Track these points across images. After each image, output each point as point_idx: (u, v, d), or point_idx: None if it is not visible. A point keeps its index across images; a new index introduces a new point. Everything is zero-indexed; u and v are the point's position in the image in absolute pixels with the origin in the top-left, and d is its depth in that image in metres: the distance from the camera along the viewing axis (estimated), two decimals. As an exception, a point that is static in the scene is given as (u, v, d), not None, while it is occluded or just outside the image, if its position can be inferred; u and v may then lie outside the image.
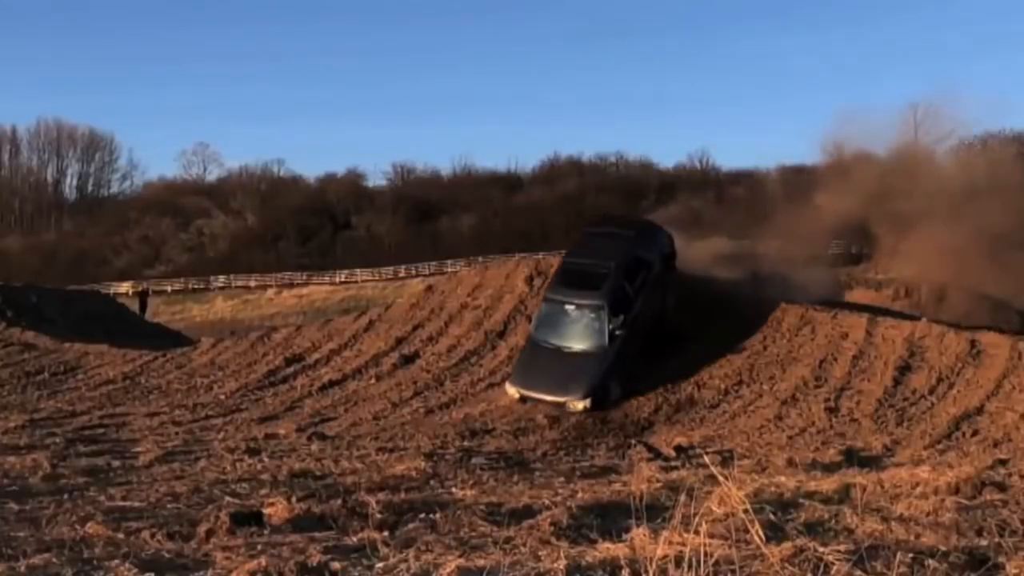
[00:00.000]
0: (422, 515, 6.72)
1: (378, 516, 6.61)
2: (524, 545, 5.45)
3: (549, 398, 15.66)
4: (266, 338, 21.60)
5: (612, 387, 16.01)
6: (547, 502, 6.99)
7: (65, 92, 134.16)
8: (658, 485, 7.65)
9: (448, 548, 5.47)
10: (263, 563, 4.97)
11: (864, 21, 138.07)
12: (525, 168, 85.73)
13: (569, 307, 16.67)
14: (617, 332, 16.11)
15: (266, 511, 6.84)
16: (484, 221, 73.27)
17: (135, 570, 5.20)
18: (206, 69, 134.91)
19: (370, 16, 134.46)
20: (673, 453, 11.87)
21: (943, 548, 4.97)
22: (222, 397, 17.85)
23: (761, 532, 4.88)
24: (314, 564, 5.05)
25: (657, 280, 17.30)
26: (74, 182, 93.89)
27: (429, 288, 22.40)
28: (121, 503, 7.97)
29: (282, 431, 14.22)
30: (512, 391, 16.05)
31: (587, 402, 15.48)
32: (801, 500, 6.51)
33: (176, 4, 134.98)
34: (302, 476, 9.70)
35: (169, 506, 7.83)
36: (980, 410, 13.22)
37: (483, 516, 6.54)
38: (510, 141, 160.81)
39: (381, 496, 7.56)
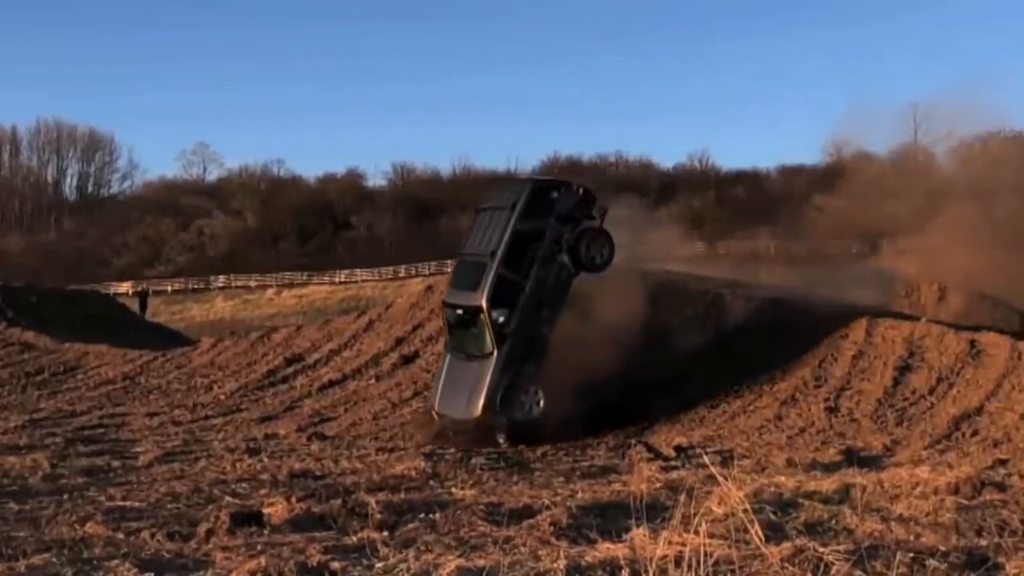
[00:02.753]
0: (422, 515, 6.73)
1: (378, 516, 6.62)
2: (524, 545, 5.46)
3: (458, 417, 13.98)
4: (266, 338, 21.60)
5: (524, 395, 13.97)
6: (547, 502, 7.00)
7: (65, 92, 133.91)
8: (658, 485, 7.65)
9: (448, 548, 5.47)
10: (263, 563, 4.98)
11: (865, 20, 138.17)
12: (525, 168, 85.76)
13: (458, 311, 14.79)
14: (506, 331, 14.02)
15: (266, 511, 6.85)
16: (484, 221, 73.12)
17: (135, 570, 5.21)
18: (206, 69, 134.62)
19: (370, 16, 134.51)
20: (673, 453, 11.86)
21: (943, 548, 4.97)
22: (222, 397, 17.85)
23: (761, 532, 4.88)
24: (314, 564, 5.06)
25: (558, 244, 14.76)
26: (74, 182, 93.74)
27: (429, 288, 22.37)
28: (121, 503, 7.98)
29: (282, 431, 14.22)
30: (434, 413, 14.50)
31: (503, 434, 13.63)
32: (801, 500, 6.51)
33: (176, 4, 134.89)
34: (302, 476, 9.71)
35: (169, 506, 7.84)
36: (980, 410, 13.19)
37: (483, 516, 6.55)
38: (510, 141, 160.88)
39: (381, 496, 7.57)
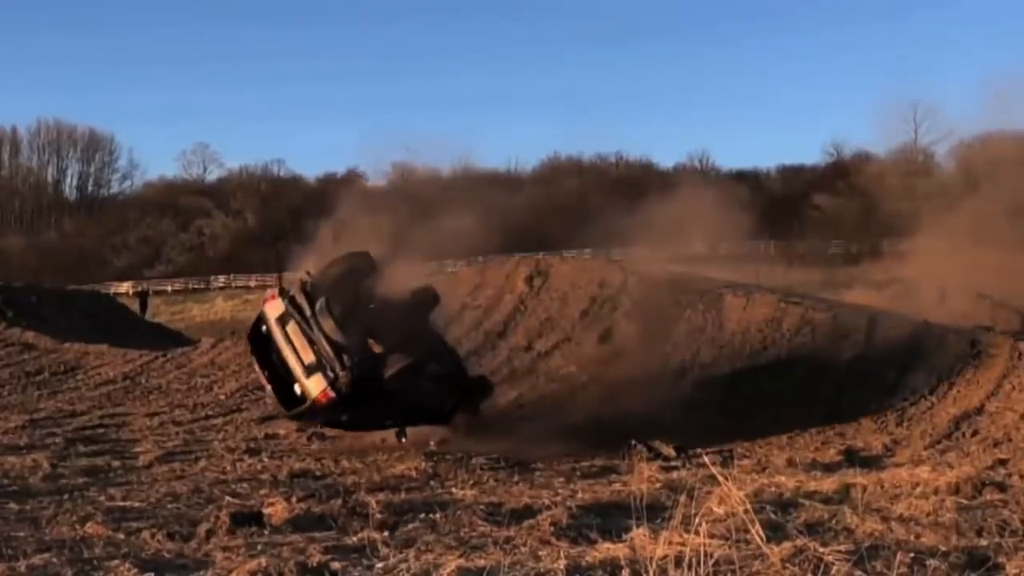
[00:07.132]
0: (422, 515, 6.73)
1: (378, 516, 6.62)
2: (524, 545, 5.46)
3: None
4: (266, 338, 21.55)
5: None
6: (547, 502, 7.00)
7: (65, 92, 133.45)
8: (658, 485, 7.65)
9: (448, 548, 5.48)
10: (263, 563, 4.99)
11: (865, 20, 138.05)
12: (525, 168, 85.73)
13: None
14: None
15: (266, 511, 6.85)
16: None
17: (135, 570, 5.21)
18: (206, 69, 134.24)
19: (370, 16, 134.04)
20: (673, 453, 11.85)
21: (943, 548, 4.98)
22: (222, 397, 17.83)
23: (761, 532, 4.88)
24: (314, 564, 5.06)
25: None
26: (74, 182, 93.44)
27: (429, 288, 22.29)
28: (121, 503, 7.98)
29: (282, 431, 14.20)
30: None
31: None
32: (801, 500, 6.52)
33: (176, 4, 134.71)
34: (302, 476, 9.71)
35: (169, 506, 7.84)
36: (980, 410, 13.19)
37: (483, 516, 6.55)
38: (510, 141, 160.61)
39: (381, 496, 7.58)
